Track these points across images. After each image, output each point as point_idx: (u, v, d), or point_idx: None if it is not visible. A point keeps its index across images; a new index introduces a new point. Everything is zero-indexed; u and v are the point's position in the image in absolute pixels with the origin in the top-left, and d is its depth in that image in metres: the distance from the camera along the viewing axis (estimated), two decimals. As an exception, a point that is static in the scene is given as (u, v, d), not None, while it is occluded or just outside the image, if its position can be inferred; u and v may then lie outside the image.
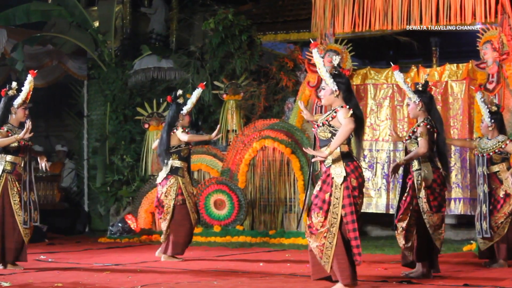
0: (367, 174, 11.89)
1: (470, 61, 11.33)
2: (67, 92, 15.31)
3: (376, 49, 15.31)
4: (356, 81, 12.11)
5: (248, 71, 13.31)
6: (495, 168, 8.46)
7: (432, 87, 11.59)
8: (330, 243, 6.17)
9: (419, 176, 7.31)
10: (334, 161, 6.25)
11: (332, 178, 6.21)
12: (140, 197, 12.52)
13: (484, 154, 8.46)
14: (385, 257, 9.08)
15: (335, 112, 6.29)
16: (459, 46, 14.11)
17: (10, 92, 8.31)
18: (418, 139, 7.30)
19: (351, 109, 6.22)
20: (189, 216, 9.22)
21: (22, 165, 8.19)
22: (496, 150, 8.40)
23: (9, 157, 8.15)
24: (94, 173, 14.77)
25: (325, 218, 6.18)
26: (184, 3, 15.56)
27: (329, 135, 6.26)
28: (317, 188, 6.31)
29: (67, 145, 15.58)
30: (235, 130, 12.86)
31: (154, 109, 13.56)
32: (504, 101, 10.70)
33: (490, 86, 10.83)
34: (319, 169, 6.47)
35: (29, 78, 8.29)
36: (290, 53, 13.22)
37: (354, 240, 6.21)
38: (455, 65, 11.54)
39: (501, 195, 8.40)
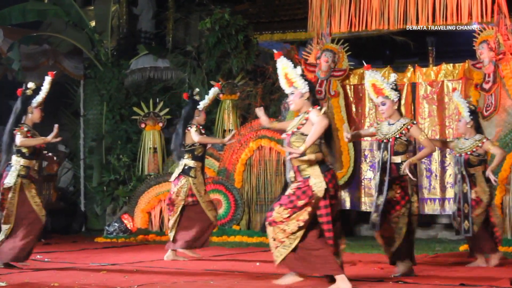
0: (369, 174, 11.91)
1: (467, 60, 11.35)
2: (63, 92, 15.29)
3: (373, 49, 15.32)
4: (353, 81, 12.13)
5: (244, 71, 13.31)
6: (471, 170, 8.45)
7: (428, 86, 11.66)
8: (290, 243, 6.26)
9: (410, 180, 7.28)
10: (311, 169, 6.26)
11: (313, 191, 6.23)
12: (136, 197, 12.51)
13: (462, 154, 8.45)
14: (381, 256, 9.06)
15: (307, 114, 6.32)
16: (455, 46, 14.12)
17: (28, 92, 8.14)
18: (421, 138, 7.23)
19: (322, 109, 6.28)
20: (203, 215, 9.17)
21: (36, 169, 8.11)
22: (474, 149, 8.40)
23: (23, 161, 8.03)
24: (91, 173, 14.77)
25: (289, 217, 6.23)
26: (180, 2, 15.57)
27: (302, 142, 6.26)
28: (291, 191, 6.31)
29: (64, 145, 15.56)
30: (232, 130, 12.86)
31: (150, 108, 13.56)
32: (501, 101, 10.73)
33: (486, 86, 10.84)
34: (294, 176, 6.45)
35: (49, 79, 8.18)
36: (286, 53, 13.21)
37: (329, 239, 6.32)
38: (451, 64, 11.56)
39: (473, 197, 8.41)
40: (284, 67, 6.48)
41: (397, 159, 7.24)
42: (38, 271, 7.86)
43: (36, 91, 8.20)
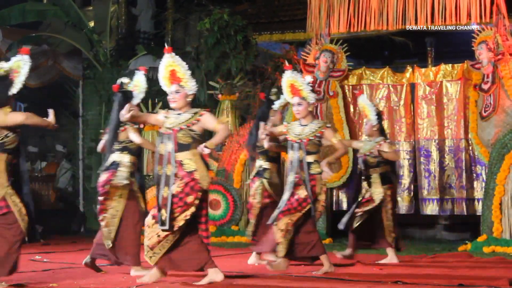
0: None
1: (465, 61, 11.36)
2: (62, 92, 15.28)
3: (371, 49, 15.34)
4: (351, 81, 12.13)
5: (243, 71, 13.31)
6: (370, 171, 8.72)
7: (427, 86, 11.67)
8: (168, 240, 6.49)
9: (320, 179, 7.50)
10: (196, 163, 6.43)
11: (199, 183, 6.41)
12: (135, 197, 12.47)
13: (362, 155, 8.76)
14: (380, 257, 9.08)
15: (200, 116, 6.51)
16: (454, 46, 14.14)
17: (125, 87, 7.76)
18: (334, 141, 7.48)
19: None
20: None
21: (138, 166, 7.71)
22: (373, 150, 8.62)
23: (130, 157, 7.57)
24: (90, 173, 14.75)
25: (180, 216, 6.44)
26: (179, 3, 15.57)
27: (191, 140, 6.47)
28: (178, 189, 6.42)
29: (62, 145, 15.56)
30: (231, 130, 12.87)
31: (149, 109, 13.54)
32: (499, 101, 10.72)
33: (485, 87, 10.84)
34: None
35: (142, 73, 7.91)
36: (285, 53, 13.22)
37: (207, 238, 6.75)
38: (450, 65, 11.57)
39: (366, 196, 8.74)
40: (173, 64, 6.67)
41: (310, 158, 7.45)
42: (36, 272, 7.85)
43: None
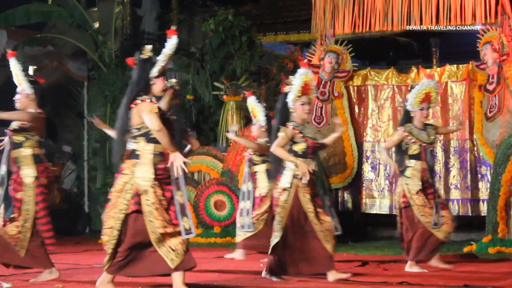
0: (370, 175, 11.88)
1: (470, 62, 11.34)
2: (67, 93, 15.30)
3: (376, 50, 15.33)
4: (356, 82, 12.12)
5: (248, 72, 13.31)
6: (254, 168, 9.13)
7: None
8: (24, 236, 7.12)
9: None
10: (25, 159, 7.10)
11: (21, 177, 7.05)
12: (140, 198, 12.47)
13: (248, 155, 9.18)
14: (385, 257, 9.08)
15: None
16: (459, 47, 14.13)
17: (287, 89, 7.36)
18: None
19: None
20: (415, 220, 8.04)
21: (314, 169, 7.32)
22: (257, 150, 9.00)
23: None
24: (95, 174, 14.76)
25: (19, 215, 7.07)
26: (184, 4, 15.58)
27: (23, 138, 7.19)
28: (10, 187, 7.04)
29: (68, 145, 15.58)
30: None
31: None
32: (504, 102, 10.70)
33: (490, 87, 10.83)
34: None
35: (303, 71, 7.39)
36: (290, 54, 13.23)
37: (47, 232, 7.23)
38: (455, 66, 11.55)
39: (257, 195, 9.09)
40: (15, 67, 7.38)
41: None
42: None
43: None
